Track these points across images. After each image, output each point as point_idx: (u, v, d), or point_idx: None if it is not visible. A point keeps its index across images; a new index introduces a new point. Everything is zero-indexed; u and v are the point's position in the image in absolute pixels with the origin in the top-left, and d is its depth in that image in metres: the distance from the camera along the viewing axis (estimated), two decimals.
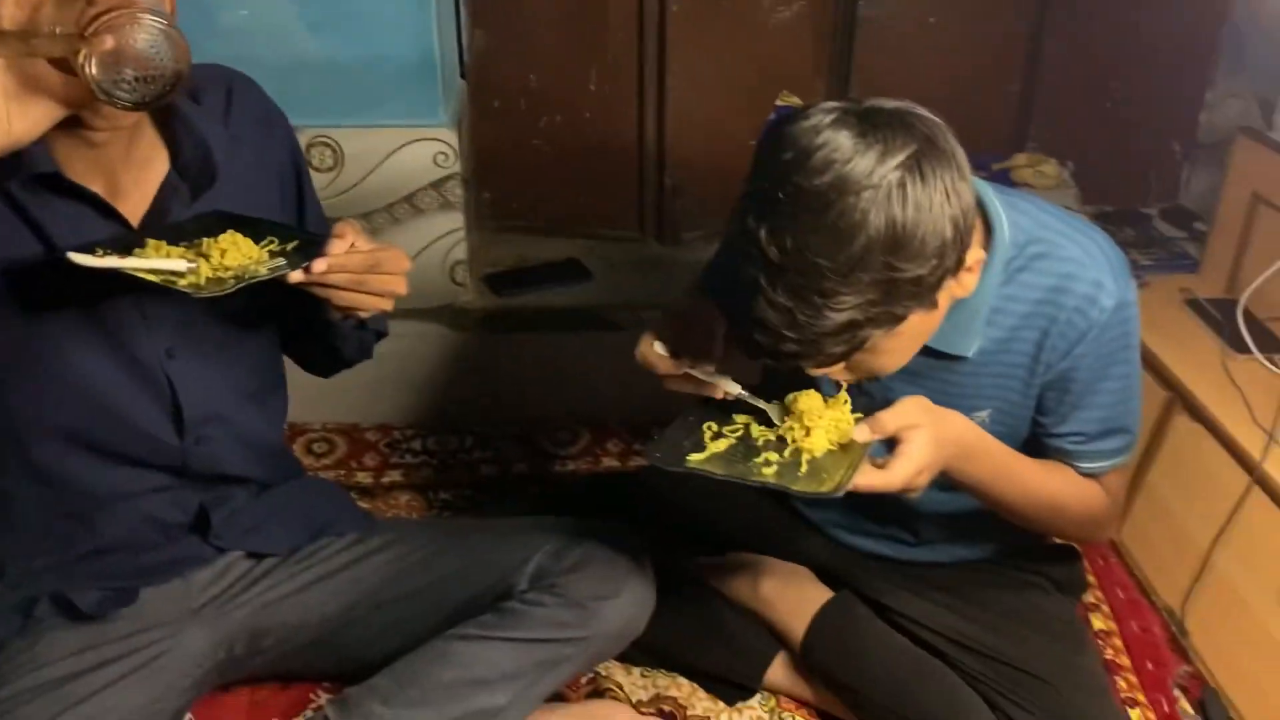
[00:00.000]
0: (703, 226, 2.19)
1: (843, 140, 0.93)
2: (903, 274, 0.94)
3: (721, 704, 1.44)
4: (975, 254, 1.03)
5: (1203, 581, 1.53)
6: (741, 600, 1.46)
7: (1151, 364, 1.70)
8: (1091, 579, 1.66)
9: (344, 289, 1.07)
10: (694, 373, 1.13)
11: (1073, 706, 1.25)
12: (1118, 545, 1.75)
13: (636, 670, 1.47)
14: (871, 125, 0.94)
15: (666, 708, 1.43)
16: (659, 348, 1.14)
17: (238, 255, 1.07)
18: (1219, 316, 1.76)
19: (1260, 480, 1.44)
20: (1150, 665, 1.53)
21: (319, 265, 1.04)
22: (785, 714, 1.43)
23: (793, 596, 1.43)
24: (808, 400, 1.11)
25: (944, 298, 1.02)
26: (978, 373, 1.19)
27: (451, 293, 1.95)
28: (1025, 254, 1.15)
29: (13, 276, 1.08)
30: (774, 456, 1.10)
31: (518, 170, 2.16)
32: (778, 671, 1.44)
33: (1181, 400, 1.65)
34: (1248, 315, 1.71)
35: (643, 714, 1.38)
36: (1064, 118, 2.21)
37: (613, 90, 2.11)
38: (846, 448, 1.08)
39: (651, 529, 1.41)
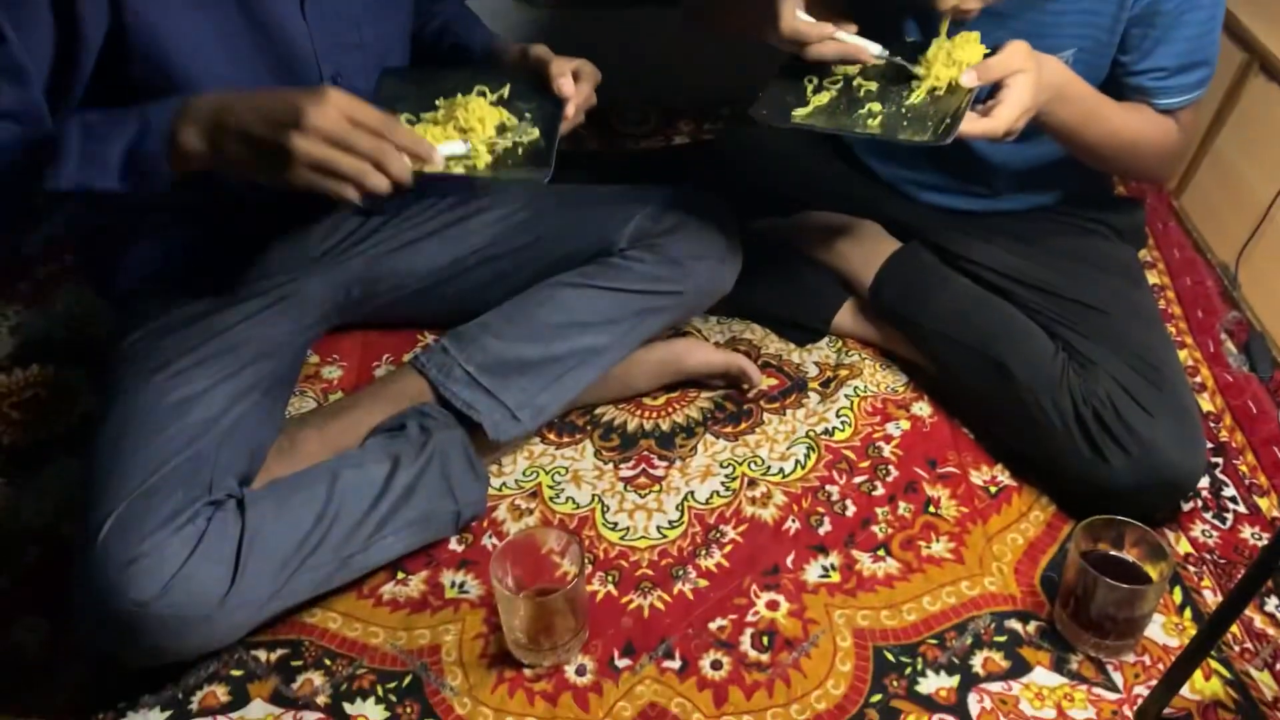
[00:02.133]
0: None
1: None
2: None
3: (792, 345, 1.53)
4: None
5: (1260, 235, 1.57)
6: (814, 254, 1.52)
7: (1230, 27, 1.68)
8: (1150, 241, 1.71)
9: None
10: (840, 36, 1.12)
11: (1126, 332, 1.31)
12: (1177, 210, 1.79)
13: (713, 318, 1.56)
14: None
15: (742, 348, 1.52)
16: (803, 15, 1.12)
17: (489, 118, 1.11)
18: None
19: None
20: (1200, 314, 1.59)
21: (571, 111, 1.15)
22: (851, 352, 1.52)
23: (863, 248, 1.49)
24: (963, 45, 1.11)
25: None
26: (1066, 11, 1.20)
27: None
28: None
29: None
30: (876, 107, 1.11)
31: None
32: (845, 316, 1.52)
33: (1259, 61, 1.64)
34: None
35: (718, 348, 1.46)
36: None
37: None
38: (952, 91, 1.09)
39: (727, 193, 1.46)
